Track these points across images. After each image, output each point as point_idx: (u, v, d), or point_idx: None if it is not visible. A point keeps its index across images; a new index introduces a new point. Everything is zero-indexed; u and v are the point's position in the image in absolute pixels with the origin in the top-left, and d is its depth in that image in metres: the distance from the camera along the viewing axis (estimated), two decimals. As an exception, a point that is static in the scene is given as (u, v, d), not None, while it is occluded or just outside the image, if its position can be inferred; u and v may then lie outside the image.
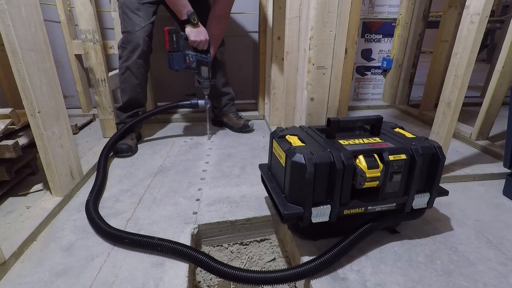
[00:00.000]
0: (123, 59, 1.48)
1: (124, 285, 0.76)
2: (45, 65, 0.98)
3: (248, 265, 1.03)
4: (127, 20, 1.44)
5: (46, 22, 0.99)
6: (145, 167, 1.37)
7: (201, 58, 1.51)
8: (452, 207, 1.10)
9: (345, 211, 0.80)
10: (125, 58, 1.47)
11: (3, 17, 0.84)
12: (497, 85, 1.48)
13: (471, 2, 1.01)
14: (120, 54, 1.49)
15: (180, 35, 1.44)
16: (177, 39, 1.44)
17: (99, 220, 0.94)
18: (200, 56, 1.51)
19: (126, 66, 1.47)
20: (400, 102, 2.38)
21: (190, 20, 1.41)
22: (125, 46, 1.46)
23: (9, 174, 1.09)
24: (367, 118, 0.89)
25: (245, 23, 2.09)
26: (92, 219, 0.95)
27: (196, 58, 1.50)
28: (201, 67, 1.53)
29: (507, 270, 0.82)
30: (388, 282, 0.77)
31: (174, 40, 1.43)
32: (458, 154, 1.52)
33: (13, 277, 0.78)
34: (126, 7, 1.43)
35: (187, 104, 1.59)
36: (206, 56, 1.52)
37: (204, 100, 1.60)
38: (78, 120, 1.88)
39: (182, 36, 1.44)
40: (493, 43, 4.23)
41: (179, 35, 1.43)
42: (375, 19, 2.28)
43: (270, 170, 0.96)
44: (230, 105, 1.84)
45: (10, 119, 1.09)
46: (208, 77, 1.56)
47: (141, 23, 1.43)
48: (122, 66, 1.49)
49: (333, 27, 0.98)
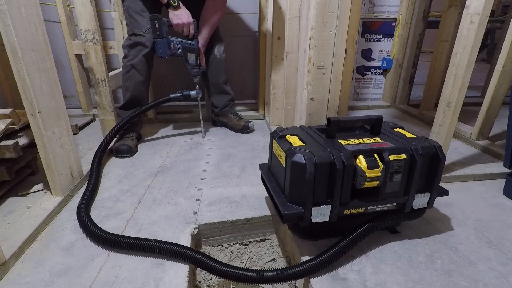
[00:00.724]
0: (129, 58, 1.49)
1: (124, 285, 0.76)
2: (45, 65, 0.98)
3: (248, 265, 1.03)
4: (133, 23, 1.45)
5: (46, 22, 0.99)
6: (145, 167, 1.38)
7: (187, 44, 1.48)
8: (452, 207, 1.10)
9: (345, 211, 0.80)
10: (131, 57, 1.48)
11: (3, 17, 0.84)
12: (497, 85, 1.48)
13: (471, 2, 1.01)
14: (126, 53, 1.49)
15: (162, 21, 1.42)
16: (159, 26, 1.42)
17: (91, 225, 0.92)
18: (186, 42, 1.48)
19: (132, 64, 1.48)
20: (400, 102, 2.38)
21: (170, 3, 1.37)
22: (132, 46, 1.47)
23: (9, 174, 1.09)
24: (367, 118, 0.89)
25: (245, 23, 2.09)
26: (84, 224, 0.93)
27: (181, 44, 1.48)
28: (187, 54, 1.50)
29: (507, 270, 0.82)
30: (388, 282, 0.77)
31: (157, 26, 1.42)
32: (458, 154, 1.52)
33: (13, 277, 0.78)
34: (132, 10, 1.45)
35: (179, 96, 1.57)
36: (193, 42, 1.48)
37: (196, 90, 1.58)
38: (78, 120, 1.88)
39: (165, 22, 1.42)
40: (493, 43, 4.23)
41: (161, 21, 1.41)
42: (375, 19, 2.28)
43: (270, 170, 0.96)
44: (230, 106, 1.84)
45: (10, 119, 1.09)
46: (196, 64, 1.53)
47: (147, 24, 1.44)
48: (127, 64, 1.49)
49: (333, 27, 0.98)
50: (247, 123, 1.78)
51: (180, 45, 1.48)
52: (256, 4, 1.98)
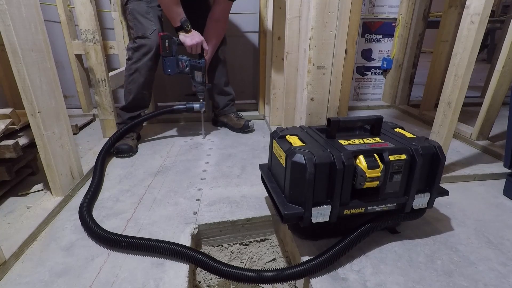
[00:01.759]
0: (133, 60, 1.48)
1: (124, 285, 0.76)
2: (45, 65, 0.98)
3: (248, 265, 1.03)
4: (138, 26, 1.46)
5: (46, 22, 0.99)
6: (145, 167, 1.38)
7: (194, 63, 1.52)
8: (452, 207, 1.10)
9: (345, 211, 0.80)
10: (135, 60, 1.48)
11: (3, 17, 0.84)
12: (497, 85, 1.48)
13: (471, 2, 1.01)
14: (130, 56, 1.49)
15: (173, 41, 1.45)
16: (169, 45, 1.45)
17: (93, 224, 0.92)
18: (193, 61, 1.52)
19: (136, 67, 1.48)
20: (400, 102, 2.38)
21: (183, 27, 1.42)
22: (137, 49, 1.47)
23: (10, 174, 1.09)
24: (367, 118, 0.89)
25: (245, 23, 2.09)
26: (86, 224, 0.94)
27: (189, 63, 1.52)
28: (195, 72, 1.54)
29: (507, 270, 0.82)
30: (388, 282, 0.77)
31: (167, 45, 1.45)
32: (458, 154, 1.52)
33: (14, 277, 0.78)
34: (136, 13, 1.45)
35: (183, 108, 1.61)
36: (200, 61, 1.53)
37: (199, 104, 1.61)
38: (78, 120, 1.88)
39: (175, 42, 1.46)
40: (493, 43, 4.23)
41: (172, 40, 1.44)
42: (375, 19, 2.28)
43: (270, 170, 0.96)
44: (231, 106, 1.84)
45: (10, 119, 1.09)
46: (202, 82, 1.57)
47: (152, 26, 1.45)
48: (131, 67, 1.49)
49: (333, 27, 0.98)
50: (247, 122, 1.79)
51: (188, 63, 1.52)
52: (256, 4, 1.98)
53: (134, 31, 1.48)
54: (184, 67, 1.52)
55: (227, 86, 1.80)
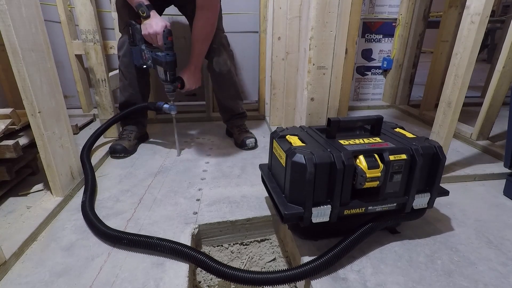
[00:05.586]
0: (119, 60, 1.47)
1: (125, 285, 0.76)
2: (45, 65, 0.98)
3: (248, 265, 1.03)
4: (119, 19, 1.45)
5: (46, 22, 0.99)
6: (145, 167, 1.38)
7: (155, 56, 1.27)
8: (452, 207, 1.10)
9: (346, 211, 0.80)
10: (119, 59, 1.46)
11: (3, 17, 0.84)
12: (497, 85, 1.48)
13: (472, 2, 1.01)
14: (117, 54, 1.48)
15: (135, 28, 1.28)
16: (133, 32, 1.29)
17: (96, 221, 0.93)
18: (155, 54, 1.27)
19: (118, 66, 1.48)
20: (400, 102, 2.38)
21: (139, 13, 1.23)
22: (119, 47, 1.44)
23: (10, 174, 1.09)
24: (368, 118, 0.89)
25: (245, 23, 2.08)
26: (90, 220, 0.95)
27: (151, 55, 1.29)
28: (157, 67, 1.30)
29: (507, 270, 0.82)
30: (388, 282, 0.77)
31: (131, 33, 1.30)
32: (459, 154, 1.52)
33: (14, 277, 0.78)
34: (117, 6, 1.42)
35: (152, 107, 1.46)
36: (161, 54, 1.25)
37: (170, 105, 1.40)
38: (78, 120, 1.88)
39: (138, 29, 1.27)
40: (493, 43, 4.23)
41: (135, 27, 1.28)
42: (376, 19, 2.28)
43: (271, 170, 0.96)
44: (236, 119, 1.67)
45: (11, 119, 1.09)
46: (166, 80, 1.30)
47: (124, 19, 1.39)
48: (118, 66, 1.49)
49: (334, 27, 0.98)
50: (246, 139, 1.58)
51: (150, 55, 1.30)
52: (256, 4, 1.97)
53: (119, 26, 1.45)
54: (146, 60, 1.32)
55: (232, 100, 1.60)
